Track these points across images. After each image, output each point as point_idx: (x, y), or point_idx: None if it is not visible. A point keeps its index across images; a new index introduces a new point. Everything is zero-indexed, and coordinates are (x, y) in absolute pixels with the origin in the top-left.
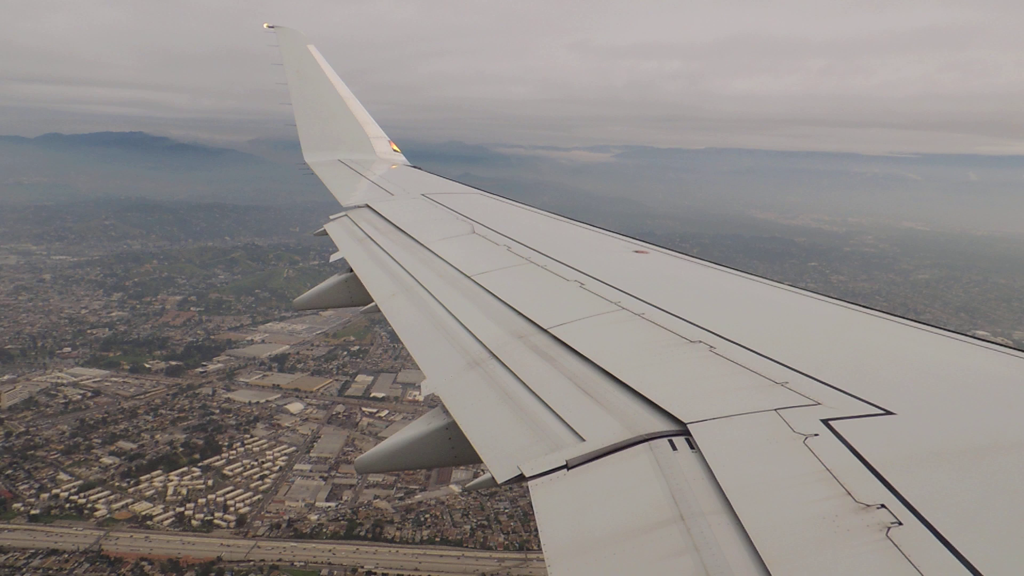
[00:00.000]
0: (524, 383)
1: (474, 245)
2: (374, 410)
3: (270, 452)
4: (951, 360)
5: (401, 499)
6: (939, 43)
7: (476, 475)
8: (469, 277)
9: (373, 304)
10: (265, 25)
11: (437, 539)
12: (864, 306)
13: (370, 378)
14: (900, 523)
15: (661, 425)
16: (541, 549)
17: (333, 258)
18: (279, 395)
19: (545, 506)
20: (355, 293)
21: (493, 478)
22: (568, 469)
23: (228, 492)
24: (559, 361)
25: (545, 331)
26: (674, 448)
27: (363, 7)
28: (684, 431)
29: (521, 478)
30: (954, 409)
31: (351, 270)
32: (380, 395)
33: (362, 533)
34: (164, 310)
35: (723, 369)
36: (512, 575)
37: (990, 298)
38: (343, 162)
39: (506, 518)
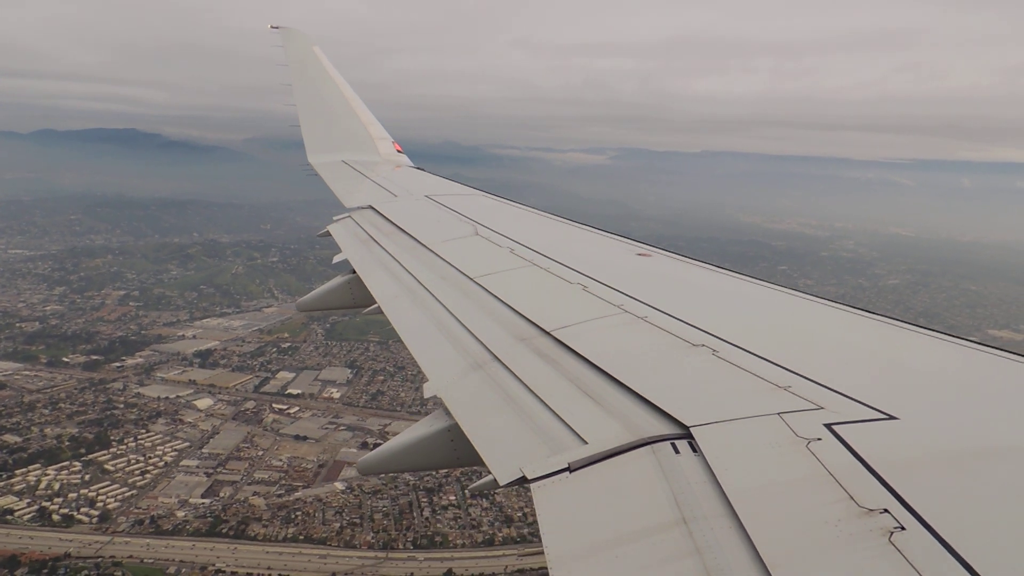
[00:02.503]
0: (527, 386)
1: (477, 247)
2: (285, 407)
3: (161, 448)
4: (954, 365)
5: (280, 496)
6: (887, 45)
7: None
8: (472, 279)
9: (376, 306)
10: (269, 26)
11: (301, 537)
12: (867, 310)
13: (292, 375)
14: (903, 528)
15: (664, 428)
16: (405, 548)
17: (336, 259)
18: (192, 391)
19: (547, 508)
20: (358, 294)
21: (495, 480)
22: (570, 472)
23: (102, 487)
24: (562, 364)
25: (548, 334)
26: (677, 451)
27: (318, 2)
28: (687, 434)
29: (523, 480)
30: (957, 414)
31: (354, 271)
32: (296, 392)
33: (225, 531)
34: (103, 304)
35: (726, 373)
36: (367, 574)
37: (956, 304)
38: (347, 163)
39: (380, 516)
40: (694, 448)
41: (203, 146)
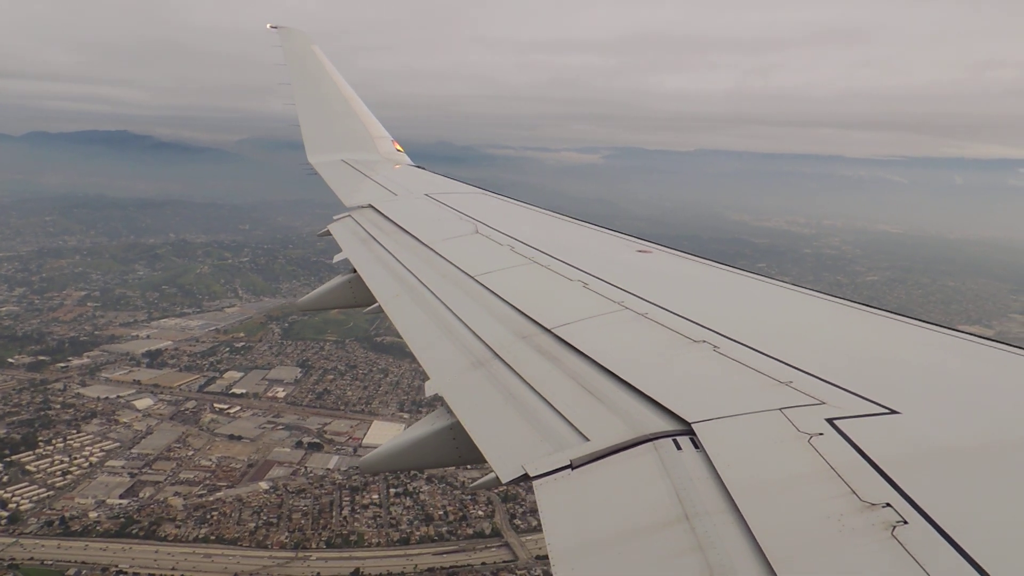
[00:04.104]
0: (528, 383)
1: (478, 245)
2: (226, 406)
3: (90, 448)
4: (956, 359)
5: (201, 496)
6: (845, 41)
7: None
8: (473, 277)
9: (377, 305)
10: (268, 26)
11: (212, 538)
12: (869, 305)
13: (240, 374)
14: (905, 522)
15: (665, 425)
16: (317, 548)
17: (337, 258)
18: (134, 391)
19: (549, 506)
20: (358, 294)
21: (497, 478)
22: (572, 469)
23: (19, 488)
24: (563, 361)
25: (549, 331)
26: (678, 448)
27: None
28: (688, 431)
29: (525, 478)
30: (959, 408)
31: (355, 271)
32: (241, 391)
33: (135, 531)
34: (61, 305)
35: (727, 368)
36: (272, 575)
37: (931, 300)
38: (347, 162)
39: (299, 515)
40: (696, 444)
41: (195, 147)
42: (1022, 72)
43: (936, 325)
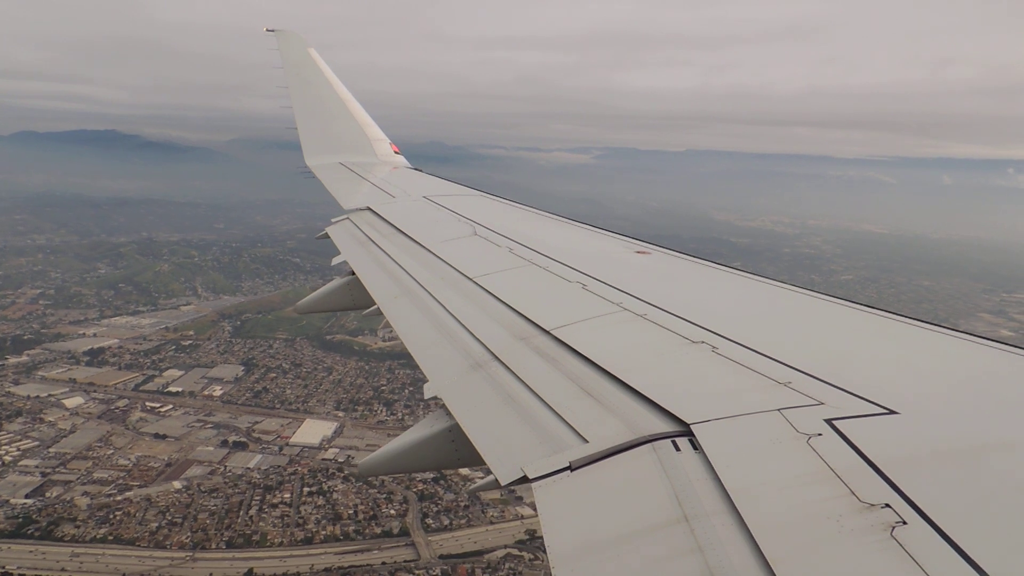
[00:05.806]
0: (527, 385)
1: (476, 247)
2: (158, 405)
3: (7, 447)
4: (955, 359)
5: (110, 496)
6: (802, 38)
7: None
8: (471, 279)
9: (375, 307)
10: (265, 29)
11: (110, 538)
12: (867, 305)
13: (181, 372)
14: (904, 522)
15: (664, 426)
16: (217, 549)
17: (335, 261)
18: (67, 389)
19: (549, 507)
20: (357, 296)
21: (497, 480)
22: (571, 471)
23: None
24: (561, 363)
25: (547, 333)
26: (677, 449)
27: None
28: (687, 432)
29: (524, 480)
30: (958, 408)
31: (353, 272)
32: (177, 390)
33: (31, 532)
34: (12, 303)
35: (726, 369)
36: (161, 575)
37: (903, 299)
38: (344, 165)
39: (206, 515)
40: (695, 445)
41: (183, 147)
42: (978, 70)
43: (935, 324)
